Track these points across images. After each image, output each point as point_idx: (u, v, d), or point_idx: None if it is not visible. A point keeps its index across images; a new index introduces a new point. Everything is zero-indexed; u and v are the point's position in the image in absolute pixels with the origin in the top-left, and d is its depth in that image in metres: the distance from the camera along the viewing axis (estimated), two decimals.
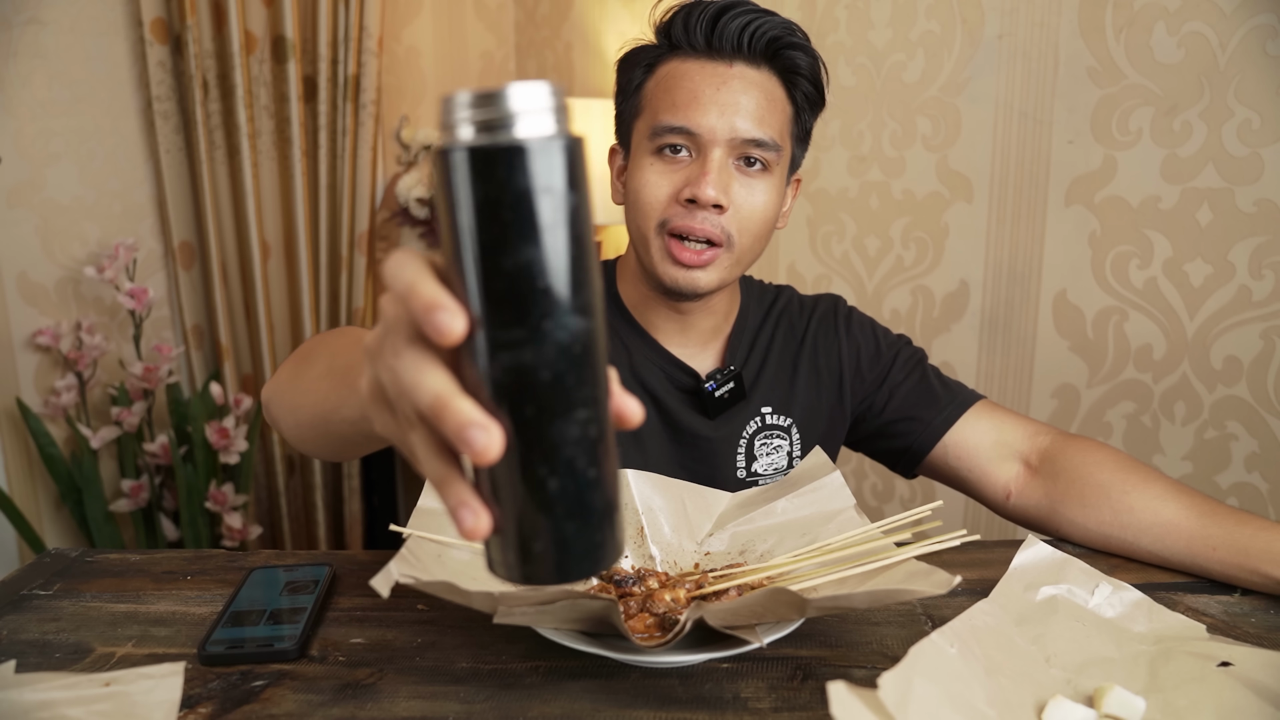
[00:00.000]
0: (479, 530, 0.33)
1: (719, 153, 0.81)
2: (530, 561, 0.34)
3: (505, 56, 2.56)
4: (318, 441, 0.65)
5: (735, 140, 0.81)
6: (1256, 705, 0.53)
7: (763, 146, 0.81)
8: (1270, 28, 1.15)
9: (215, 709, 0.57)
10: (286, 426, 0.69)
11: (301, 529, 2.34)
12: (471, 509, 0.33)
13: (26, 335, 1.94)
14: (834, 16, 1.66)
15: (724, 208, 0.81)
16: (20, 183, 1.91)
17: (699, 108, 0.81)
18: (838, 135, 1.69)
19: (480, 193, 0.31)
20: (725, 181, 0.81)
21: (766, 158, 0.82)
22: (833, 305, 1.00)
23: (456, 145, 0.31)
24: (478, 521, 0.33)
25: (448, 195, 0.32)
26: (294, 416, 0.66)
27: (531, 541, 0.34)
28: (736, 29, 0.81)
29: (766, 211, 0.83)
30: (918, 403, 0.93)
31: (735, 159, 0.82)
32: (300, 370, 0.66)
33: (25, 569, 0.77)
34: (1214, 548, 0.74)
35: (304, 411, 0.63)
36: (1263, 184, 1.18)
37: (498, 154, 0.31)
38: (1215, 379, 1.25)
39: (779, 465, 0.94)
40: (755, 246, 0.85)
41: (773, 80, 0.83)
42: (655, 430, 0.91)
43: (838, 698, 0.44)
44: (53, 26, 1.90)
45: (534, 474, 0.33)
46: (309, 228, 2.19)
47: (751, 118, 0.81)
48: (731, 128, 0.80)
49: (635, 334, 0.92)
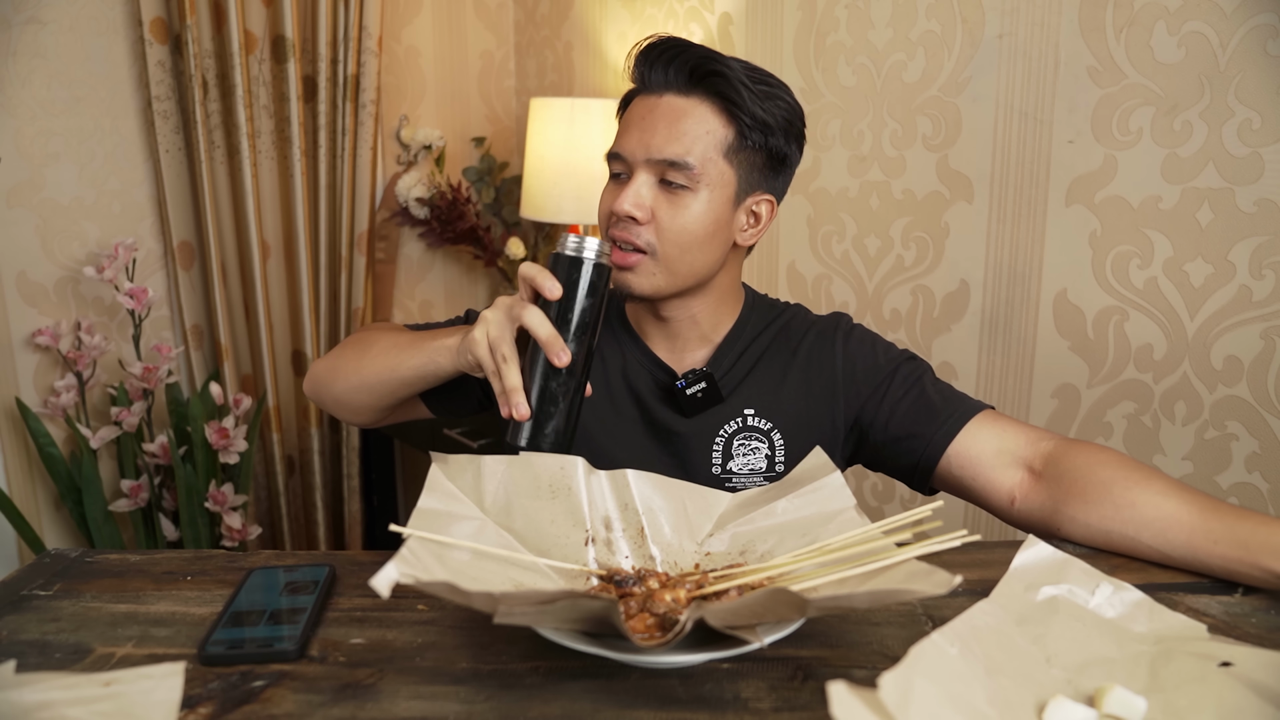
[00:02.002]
0: (523, 411, 0.76)
1: (640, 172, 0.91)
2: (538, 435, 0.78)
3: (505, 56, 2.56)
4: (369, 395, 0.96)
5: (651, 160, 0.90)
6: (1257, 705, 0.53)
7: (675, 166, 0.89)
8: (1271, 27, 1.15)
9: (215, 709, 0.57)
10: (341, 389, 0.98)
11: (301, 529, 2.34)
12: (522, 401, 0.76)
13: (26, 335, 1.94)
14: (834, 16, 1.66)
15: (639, 220, 0.90)
16: (20, 182, 1.91)
17: (626, 135, 0.93)
18: (838, 135, 1.69)
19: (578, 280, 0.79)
20: (644, 197, 0.90)
21: (682, 178, 0.89)
22: (835, 321, 1.02)
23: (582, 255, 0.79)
24: (525, 409, 0.76)
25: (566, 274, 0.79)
26: (355, 378, 0.96)
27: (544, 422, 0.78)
28: (663, 63, 0.91)
29: (694, 228, 0.91)
30: (919, 419, 0.94)
31: (658, 179, 0.91)
32: (362, 349, 0.97)
33: (25, 569, 0.77)
34: (1215, 541, 0.74)
35: (366, 372, 0.95)
36: (1263, 184, 1.18)
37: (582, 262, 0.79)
38: (1216, 379, 1.25)
39: (755, 466, 0.97)
40: (687, 259, 0.92)
41: (703, 106, 0.90)
42: (634, 425, 0.99)
43: (838, 698, 0.44)
44: (52, 26, 1.90)
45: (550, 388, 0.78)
46: (309, 228, 2.19)
47: (666, 139, 0.89)
48: (646, 149, 0.90)
49: (630, 340, 1.02)
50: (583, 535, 0.76)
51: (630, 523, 0.78)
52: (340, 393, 0.99)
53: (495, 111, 2.56)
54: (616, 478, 0.80)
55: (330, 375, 1.01)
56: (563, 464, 0.79)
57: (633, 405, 1.00)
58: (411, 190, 2.32)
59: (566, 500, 0.78)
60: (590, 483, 0.79)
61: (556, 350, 0.76)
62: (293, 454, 2.31)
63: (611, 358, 1.02)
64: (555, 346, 0.76)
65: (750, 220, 0.96)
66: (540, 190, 2.04)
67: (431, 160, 2.40)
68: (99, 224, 2.02)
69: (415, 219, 2.37)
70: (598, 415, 0.99)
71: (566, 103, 2.00)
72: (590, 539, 0.76)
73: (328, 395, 1.02)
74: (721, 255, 0.95)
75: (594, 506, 0.78)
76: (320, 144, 2.16)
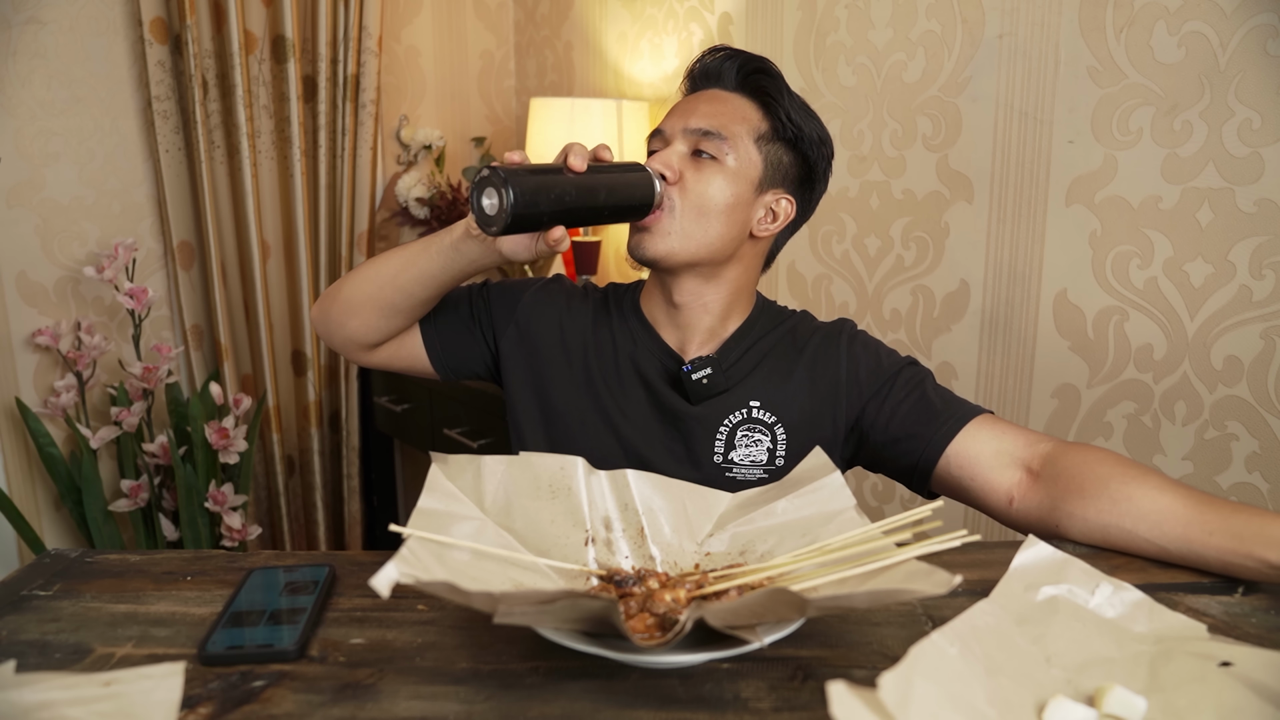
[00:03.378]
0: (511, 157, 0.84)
1: (676, 141, 0.98)
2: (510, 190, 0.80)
3: (505, 56, 2.56)
4: (381, 295, 0.99)
5: (687, 130, 0.97)
6: (1257, 705, 0.53)
7: (708, 135, 0.96)
8: (1270, 27, 1.15)
9: (215, 709, 0.57)
10: (353, 288, 1.01)
11: (301, 529, 2.34)
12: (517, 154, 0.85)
13: (26, 335, 1.94)
14: (834, 16, 1.66)
15: (668, 180, 0.95)
16: (20, 182, 1.91)
17: (670, 117, 1.00)
18: (838, 135, 1.69)
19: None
20: (674, 160, 0.96)
21: (712, 148, 0.95)
22: (840, 326, 1.05)
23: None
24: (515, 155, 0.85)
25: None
26: (367, 286, 0.99)
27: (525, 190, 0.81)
28: (716, 64, 1.01)
29: (715, 195, 0.96)
30: (918, 420, 0.95)
31: (691, 150, 0.97)
32: (372, 262, 1.01)
33: (25, 569, 0.77)
34: (1210, 534, 0.74)
35: (381, 278, 0.99)
36: (1263, 184, 1.18)
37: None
38: (1216, 379, 1.25)
39: (756, 458, 0.98)
40: (702, 224, 0.96)
41: (746, 101, 0.99)
42: (643, 408, 1.02)
43: (838, 698, 0.44)
44: (52, 26, 1.90)
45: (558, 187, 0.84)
46: (309, 227, 2.19)
47: (704, 115, 0.97)
48: (685, 120, 0.98)
49: (641, 328, 1.05)
50: (583, 535, 0.76)
51: (630, 523, 0.78)
52: (351, 293, 1.00)
53: (495, 111, 2.57)
54: (616, 478, 0.80)
55: (344, 280, 1.03)
56: (563, 464, 0.79)
57: (640, 387, 1.02)
58: (411, 190, 2.33)
59: (566, 500, 0.78)
60: (590, 483, 0.79)
61: (600, 152, 0.88)
62: (293, 454, 2.31)
63: (623, 343, 1.04)
64: (602, 151, 0.88)
65: (768, 215, 1.00)
66: None
67: (431, 160, 2.40)
68: (99, 224, 2.02)
69: (415, 219, 2.37)
70: (609, 391, 1.02)
71: (566, 103, 2.00)
72: (590, 539, 0.76)
73: (338, 300, 1.02)
74: (736, 236, 0.98)
75: (594, 506, 0.78)
76: (320, 144, 2.16)
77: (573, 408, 1.03)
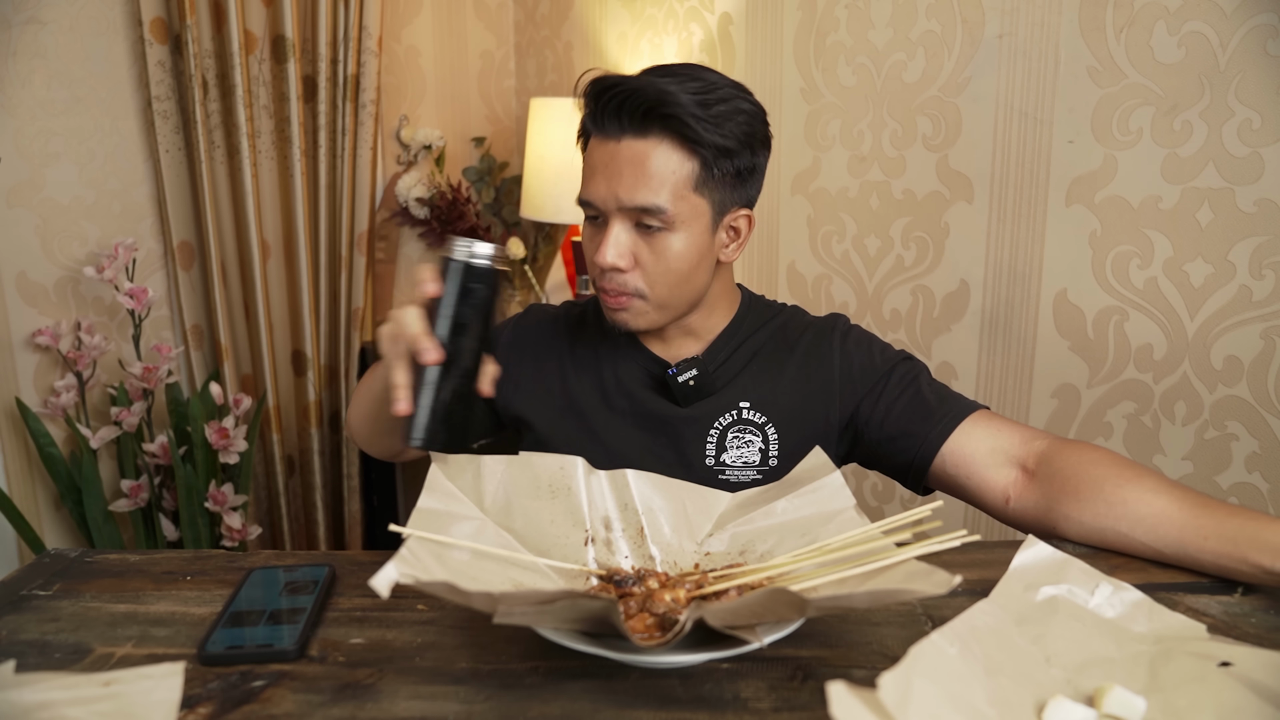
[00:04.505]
0: (399, 407, 0.75)
1: (615, 221, 0.90)
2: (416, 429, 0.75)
3: (505, 56, 2.56)
4: (378, 424, 0.98)
5: (624, 208, 0.89)
6: (1256, 705, 0.53)
7: (648, 211, 0.88)
8: (1271, 27, 1.15)
9: (215, 709, 0.57)
10: (355, 429, 1.05)
11: (301, 529, 2.34)
12: (406, 397, 0.75)
13: (26, 335, 1.94)
14: (834, 16, 1.66)
15: (623, 269, 0.90)
16: (20, 182, 1.91)
17: (593, 182, 0.91)
18: (838, 135, 1.69)
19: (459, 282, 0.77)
20: (625, 245, 0.90)
21: (657, 221, 0.89)
22: (833, 321, 1.03)
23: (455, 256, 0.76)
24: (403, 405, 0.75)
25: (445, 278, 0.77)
26: (363, 422, 1.01)
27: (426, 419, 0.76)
28: (614, 108, 0.88)
29: (678, 263, 0.91)
30: (913, 417, 0.94)
31: (634, 224, 0.90)
32: (357, 390, 1.03)
33: (25, 569, 0.77)
34: (1205, 537, 0.74)
35: (365, 410, 0.99)
36: (1263, 184, 1.18)
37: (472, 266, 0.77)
38: (1216, 379, 1.25)
39: (749, 459, 0.97)
40: (679, 291, 0.93)
41: (662, 145, 0.88)
42: (627, 417, 1.00)
43: (838, 698, 0.44)
44: (52, 26, 1.90)
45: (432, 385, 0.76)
46: (309, 228, 2.19)
47: (633, 187, 0.88)
48: (616, 197, 0.89)
49: (626, 339, 1.02)
50: (582, 535, 0.76)
51: (630, 523, 0.78)
52: (355, 427, 1.05)
53: (495, 111, 2.57)
54: (616, 478, 0.80)
55: (349, 420, 1.07)
56: (562, 464, 0.79)
57: (624, 399, 1.01)
58: (411, 190, 2.33)
59: (566, 500, 0.78)
60: (590, 483, 0.79)
61: (420, 348, 0.74)
62: (293, 454, 2.31)
63: (605, 355, 1.03)
64: (419, 344, 0.74)
65: (731, 236, 0.96)
66: (540, 190, 2.04)
67: (431, 160, 2.40)
68: (99, 224, 2.02)
69: (415, 219, 2.37)
70: (592, 410, 1.01)
71: (566, 103, 2.00)
72: (590, 539, 0.76)
73: (350, 430, 1.07)
74: (707, 277, 0.96)
75: (594, 506, 0.78)
76: (320, 144, 2.16)
77: (557, 434, 1.01)
